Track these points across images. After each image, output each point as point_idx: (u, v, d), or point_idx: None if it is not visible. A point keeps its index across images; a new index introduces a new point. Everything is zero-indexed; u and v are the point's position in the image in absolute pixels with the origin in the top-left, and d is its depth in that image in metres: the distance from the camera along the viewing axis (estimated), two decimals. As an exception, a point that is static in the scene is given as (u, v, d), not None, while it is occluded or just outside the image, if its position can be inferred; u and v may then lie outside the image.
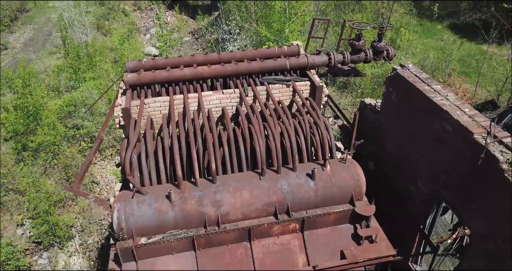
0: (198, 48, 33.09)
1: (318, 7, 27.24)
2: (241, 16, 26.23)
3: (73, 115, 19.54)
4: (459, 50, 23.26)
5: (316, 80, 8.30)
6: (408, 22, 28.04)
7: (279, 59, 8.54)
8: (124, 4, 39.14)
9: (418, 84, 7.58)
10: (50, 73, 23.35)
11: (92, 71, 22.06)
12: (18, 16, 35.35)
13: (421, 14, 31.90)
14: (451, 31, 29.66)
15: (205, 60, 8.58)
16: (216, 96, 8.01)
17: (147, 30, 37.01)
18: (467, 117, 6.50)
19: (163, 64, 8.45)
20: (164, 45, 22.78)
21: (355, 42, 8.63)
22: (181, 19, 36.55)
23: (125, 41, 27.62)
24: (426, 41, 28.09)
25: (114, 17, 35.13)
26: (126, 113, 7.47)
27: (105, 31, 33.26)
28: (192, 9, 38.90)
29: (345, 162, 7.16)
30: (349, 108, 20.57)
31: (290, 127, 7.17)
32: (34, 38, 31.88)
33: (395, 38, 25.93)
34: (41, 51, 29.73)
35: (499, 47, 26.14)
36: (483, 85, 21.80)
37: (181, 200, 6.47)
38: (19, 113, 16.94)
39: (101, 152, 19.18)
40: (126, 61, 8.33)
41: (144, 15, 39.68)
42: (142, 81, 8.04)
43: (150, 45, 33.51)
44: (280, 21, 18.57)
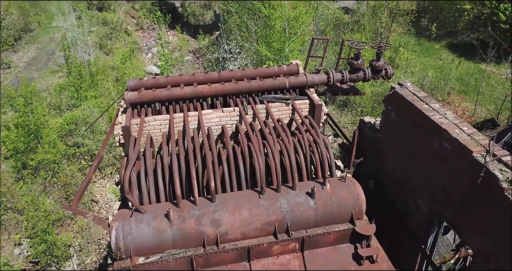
0: (199, 67, 33.46)
1: (318, 27, 27.67)
2: (242, 36, 26.61)
3: (73, 133, 19.61)
4: (458, 69, 23.49)
5: (315, 98, 8.36)
6: (406, 41, 28.41)
7: (279, 78, 8.61)
8: (126, 24, 39.81)
9: (416, 103, 7.63)
10: (52, 92, 23.57)
11: (94, 89, 22.25)
12: (22, 35, 35.90)
13: (419, 34, 32.34)
14: (449, 51, 30.01)
15: (206, 79, 8.66)
16: (216, 114, 8.05)
17: (149, 49, 37.53)
18: (466, 136, 6.52)
19: (164, 83, 8.53)
20: (165, 64, 23.02)
21: (354, 61, 8.73)
22: (182, 39, 37.10)
23: (127, 60, 28.00)
24: (425, 60, 28.39)
25: (116, 37, 35.67)
26: (126, 131, 7.49)
27: (107, 50, 33.72)
28: (194, 29, 39.51)
29: (344, 181, 7.13)
30: (349, 126, 20.63)
31: (290, 145, 7.18)
32: (37, 57, 32.29)
33: (394, 57, 26.24)
34: (43, 70, 30.07)
35: (497, 66, 26.39)
36: (482, 103, 21.91)
37: (180, 219, 6.42)
38: (20, 131, 17.00)
39: (101, 171, 19.16)
40: (127, 79, 8.41)
41: (146, 34, 40.30)
42: (142, 100, 8.09)
43: (151, 64, 33.92)
44: (280, 41, 18.83)
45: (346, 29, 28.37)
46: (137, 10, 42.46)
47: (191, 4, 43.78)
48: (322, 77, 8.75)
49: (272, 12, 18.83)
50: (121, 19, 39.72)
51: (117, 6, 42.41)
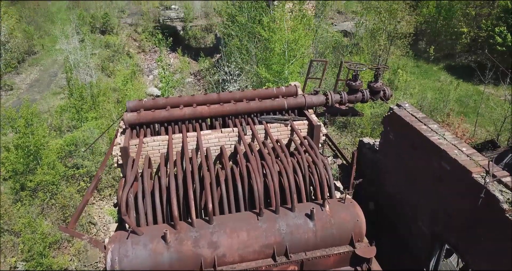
0: (200, 89, 33.75)
1: (317, 49, 28.06)
2: (242, 58, 26.95)
3: (73, 154, 19.59)
4: (456, 91, 23.65)
5: (314, 119, 8.37)
6: (405, 63, 28.74)
7: (277, 99, 8.66)
8: (128, 47, 40.43)
9: (415, 124, 7.64)
10: (53, 113, 23.68)
11: (95, 111, 22.40)
12: (26, 58, 36.44)
13: (418, 56, 32.78)
14: (448, 73, 30.32)
15: (205, 100, 8.70)
16: (214, 135, 8.05)
17: (150, 71, 37.97)
18: (465, 156, 6.49)
19: (163, 104, 8.56)
20: (166, 86, 23.22)
21: (352, 83, 8.79)
22: (183, 61, 37.60)
23: (128, 82, 28.32)
24: (424, 82, 28.66)
25: (118, 59, 36.16)
26: (124, 152, 7.47)
27: (109, 72, 34.12)
28: (195, 51, 40.08)
29: (344, 202, 7.05)
30: (349, 147, 20.61)
31: (289, 166, 7.14)
32: (40, 79, 32.66)
33: (393, 79, 26.49)
34: (45, 91, 30.36)
35: (495, 87, 26.59)
36: (482, 125, 21.95)
37: (177, 241, 6.31)
38: (19, 152, 17.00)
39: (99, 192, 19.04)
40: (127, 101, 8.46)
41: (148, 57, 40.86)
42: (141, 121, 8.11)
43: (153, 86, 34.23)
44: (280, 63, 19.05)
45: (345, 52, 28.75)
46: (139, 33, 43.21)
47: (192, 28, 44.57)
48: (321, 98, 8.80)
49: (271, 35, 19.13)
50: (124, 42, 40.38)
51: (119, 30, 43.19)
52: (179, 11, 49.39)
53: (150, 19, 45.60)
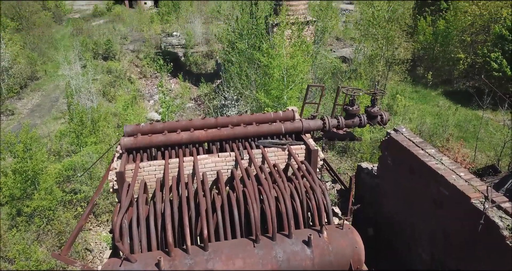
0: (200, 114, 33.92)
1: (316, 75, 28.39)
2: (242, 84, 27.22)
3: (71, 179, 19.47)
4: (455, 116, 23.73)
5: (311, 143, 8.35)
6: (403, 89, 28.98)
7: (275, 124, 8.67)
8: (130, 73, 40.94)
9: (412, 148, 7.61)
10: (53, 138, 23.70)
11: (95, 135, 22.40)
12: (28, 83, 36.81)
13: (416, 81, 33.09)
14: (446, 98, 30.52)
15: (203, 124, 8.72)
16: (211, 159, 8.01)
17: (151, 96, 38.30)
18: (463, 181, 6.42)
19: (161, 128, 8.57)
20: (166, 111, 23.35)
21: (349, 107, 8.82)
22: (184, 86, 37.97)
23: (129, 106, 28.50)
24: (423, 107, 28.81)
25: (120, 85, 36.53)
26: (120, 177, 7.42)
27: (110, 98, 34.39)
28: (196, 77, 40.56)
29: (342, 228, 6.93)
30: (349, 172, 20.48)
31: (286, 192, 7.06)
32: (41, 104, 32.89)
33: (392, 104, 26.66)
34: (46, 116, 30.51)
35: (494, 112, 26.69)
36: (482, 150, 21.89)
37: (171, 268, 6.17)
38: (17, 177, 16.89)
39: (97, 218, 18.80)
40: (124, 125, 8.48)
41: (149, 82, 41.31)
42: (138, 145, 8.09)
43: (153, 111, 34.44)
44: (279, 88, 19.21)
45: (344, 77, 29.07)
46: (141, 59, 43.86)
47: (193, 54, 45.28)
48: (318, 123, 8.81)
49: (270, 61, 19.39)
50: (125, 68, 40.92)
51: (122, 56, 43.86)
52: (180, 38, 50.33)
53: (152, 45, 46.40)
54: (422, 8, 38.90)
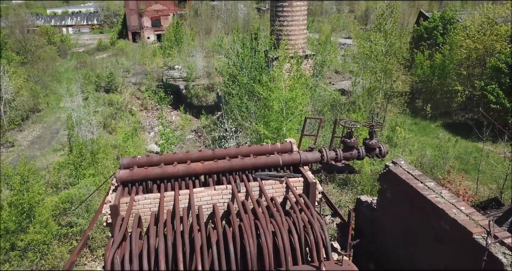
0: (200, 145, 33.95)
1: (315, 107, 28.60)
2: (242, 116, 27.40)
3: (68, 212, 19.19)
4: (455, 148, 23.66)
5: (310, 176, 8.24)
6: (403, 121, 29.10)
7: (272, 155, 8.59)
8: (131, 105, 41.35)
9: (411, 181, 7.49)
10: (51, 170, 23.59)
11: (94, 167, 22.31)
12: (30, 115, 37.16)
13: (415, 113, 33.31)
14: (446, 130, 30.59)
15: (199, 156, 8.64)
16: (207, 192, 7.87)
17: (151, 128, 38.49)
18: (464, 216, 6.26)
19: (158, 161, 8.48)
20: (165, 143, 23.37)
21: (347, 140, 8.77)
22: (185, 118, 38.25)
23: (129, 138, 28.56)
24: (423, 139, 28.82)
25: (121, 116, 36.81)
26: (114, 211, 7.26)
27: (111, 129, 34.57)
28: (197, 109, 40.95)
29: (341, 264, 6.70)
30: (350, 205, 20.19)
31: (283, 226, 6.88)
32: (42, 136, 33.01)
33: (391, 136, 26.66)
34: (46, 148, 30.54)
35: (494, 144, 26.65)
36: (484, 182, 21.68)
37: (163, 307, 5.91)
38: (12, 210, 16.64)
39: (92, 252, 18.37)
40: (120, 158, 8.41)
41: (150, 114, 41.65)
42: (134, 178, 7.98)
43: (153, 143, 34.50)
44: (278, 120, 19.29)
45: (343, 109, 29.27)
46: (142, 91, 44.44)
47: (194, 86, 45.93)
48: (316, 155, 8.73)
49: (270, 94, 19.59)
50: (127, 100, 41.38)
51: (123, 88, 44.48)
52: (182, 71, 51.24)
53: (154, 78, 47.16)
54: (419, 42, 39.83)
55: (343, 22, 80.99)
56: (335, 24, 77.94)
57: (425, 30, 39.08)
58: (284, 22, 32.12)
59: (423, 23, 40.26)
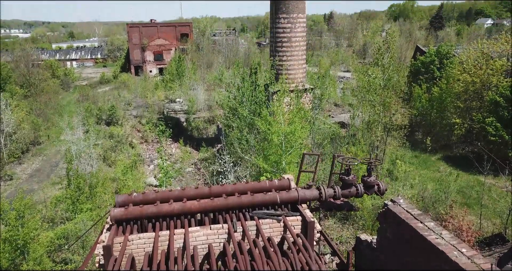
0: (200, 178, 33.72)
1: (315, 140, 28.62)
2: (242, 148, 27.38)
3: (63, 248, 18.77)
4: (457, 182, 23.44)
5: (308, 215, 8.09)
6: (403, 154, 29.01)
7: (270, 193, 8.48)
8: (132, 137, 41.46)
9: (410, 221, 7.33)
10: (48, 204, 23.31)
11: (91, 201, 22.05)
12: (30, 148, 37.17)
13: (415, 146, 33.27)
14: (446, 163, 30.43)
15: (195, 194, 8.52)
16: (203, 232, 7.70)
17: (151, 161, 38.37)
18: (466, 259, 6.07)
19: (153, 199, 8.37)
20: (164, 176, 23.22)
21: (345, 177, 8.69)
22: (185, 151, 38.23)
23: (128, 171, 28.42)
24: (423, 172, 28.61)
25: (121, 149, 36.79)
26: (107, 251, 7.08)
27: (110, 162, 34.45)
28: (197, 141, 41.00)
29: (341, 309, 6.45)
30: (351, 240, 19.76)
31: (280, 268, 6.68)
32: (41, 169, 32.86)
33: (392, 169, 26.49)
34: (45, 181, 30.31)
35: (496, 178, 26.41)
36: (487, 217, 21.31)
37: None
38: (6, 246, 16.26)
39: (86, 291, 17.76)
40: (116, 195, 8.30)
41: (150, 147, 41.66)
42: (129, 216, 7.84)
43: (153, 175, 34.28)
44: (277, 154, 19.23)
45: (343, 143, 29.27)
46: (143, 124, 44.68)
47: (195, 119, 46.23)
48: (314, 193, 8.62)
49: (269, 127, 19.65)
50: (127, 133, 41.54)
51: (124, 121, 44.76)
52: (183, 104, 51.78)
53: (155, 111, 47.55)
54: (416, 76, 40.44)
55: (342, 56, 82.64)
56: (334, 58, 79.51)
57: (422, 64, 39.77)
58: (284, 57, 32.78)
59: (420, 58, 41.04)
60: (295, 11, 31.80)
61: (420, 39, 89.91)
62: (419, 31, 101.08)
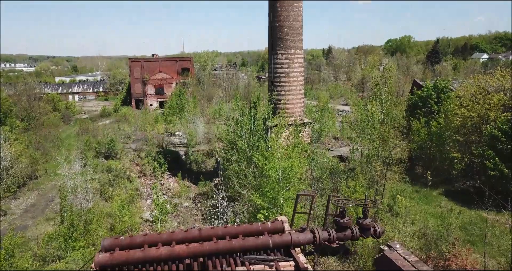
0: (197, 214, 33.12)
1: (314, 175, 28.32)
2: (240, 183, 27.03)
3: (51, 290, 18.12)
4: (459, 218, 22.92)
5: (301, 260, 7.74)
6: (403, 189, 28.60)
7: (262, 237, 8.17)
8: (130, 171, 41.13)
9: (407, 269, 7.01)
10: (40, 242, 22.75)
11: (85, 239, 21.52)
12: (27, 182, 36.81)
13: (415, 181, 32.88)
14: (448, 198, 29.95)
15: (184, 237, 8.21)
16: (191, 279, 7.36)
17: (149, 195, 37.84)
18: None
19: (141, 242, 8.05)
20: (159, 213, 22.79)
21: (340, 220, 8.40)
22: (183, 185, 37.79)
23: (125, 207, 27.93)
24: (425, 207, 28.11)
25: (118, 184, 36.37)
26: (88, 301, 6.72)
27: (107, 197, 33.96)
28: (196, 175, 40.61)
29: None
30: (352, 281, 19.06)
31: (270, 319, 6.31)
32: (36, 204, 32.37)
33: (392, 205, 26.02)
34: (39, 217, 29.76)
35: (499, 214, 25.87)
36: (491, 255, 20.67)
37: None
38: (-7, 287, 15.69)
39: None
40: (102, 238, 8.00)
41: (148, 181, 41.22)
42: (114, 262, 7.50)
43: (149, 211, 33.70)
44: (274, 190, 18.91)
45: (342, 177, 28.95)
46: (142, 158, 44.47)
47: (194, 153, 46.06)
48: (308, 236, 8.30)
49: (265, 163, 19.45)
50: (126, 167, 41.25)
51: (123, 155, 44.60)
52: (182, 137, 51.82)
53: (154, 144, 47.50)
54: (414, 110, 40.61)
55: (340, 90, 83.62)
56: (333, 92, 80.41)
57: (420, 98, 40.04)
58: (282, 91, 33.09)
59: (417, 92, 41.38)
60: (292, 47, 32.42)
61: (418, 73, 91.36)
62: (416, 65, 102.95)
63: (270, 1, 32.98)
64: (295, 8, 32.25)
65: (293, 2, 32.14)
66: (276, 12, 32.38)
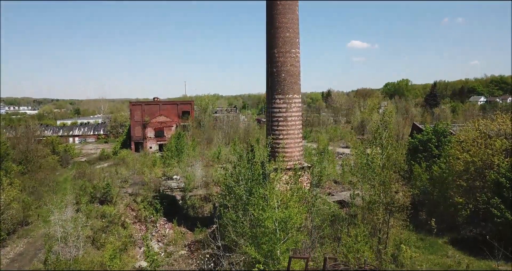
0: (193, 263, 31.61)
1: (314, 222, 27.22)
2: (237, 231, 25.88)
3: None
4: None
5: None
6: (407, 238, 27.36)
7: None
8: (125, 217, 39.89)
9: None
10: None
11: (70, 293, 20.23)
12: (18, 229, 35.55)
13: (420, 228, 31.62)
14: (454, 247, 28.61)
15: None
16: None
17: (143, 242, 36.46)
18: None
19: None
20: (150, 265, 21.59)
21: (337, 286, 7.60)
22: (178, 232, 36.46)
23: (117, 256, 26.64)
24: (431, 257, 26.73)
25: (111, 230, 35.08)
26: None
27: (100, 245, 32.60)
28: (192, 221, 39.35)
29: None
30: None
31: None
32: (24, 253, 30.99)
33: (397, 255, 24.73)
34: (26, 267, 28.36)
35: (509, 263, 24.50)
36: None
37: None
38: None
39: None
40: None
41: (143, 227, 39.88)
42: None
43: (143, 259, 32.22)
44: (270, 242, 17.89)
45: (343, 225, 27.83)
46: (138, 203, 43.37)
47: (191, 197, 44.98)
48: (301, 306, 7.44)
49: (261, 213, 18.59)
50: (121, 212, 40.04)
51: (119, 199, 43.55)
52: (180, 181, 50.91)
53: (151, 189, 46.55)
54: (415, 154, 40.06)
55: (340, 132, 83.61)
56: (332, 134, 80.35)
57: (420, 142, 39.62)
58: (280, 135, 32.74)
59: (417, 136, 41.04)
60: (290, 92, 32.48)
61: (417, 116, 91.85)
62: (415, 108, 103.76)
63: (268, 49, 33.48)
64: (292, 54, 32.67)
65: (291, 48, 32.60)
66: (274, 58, 32.76)
